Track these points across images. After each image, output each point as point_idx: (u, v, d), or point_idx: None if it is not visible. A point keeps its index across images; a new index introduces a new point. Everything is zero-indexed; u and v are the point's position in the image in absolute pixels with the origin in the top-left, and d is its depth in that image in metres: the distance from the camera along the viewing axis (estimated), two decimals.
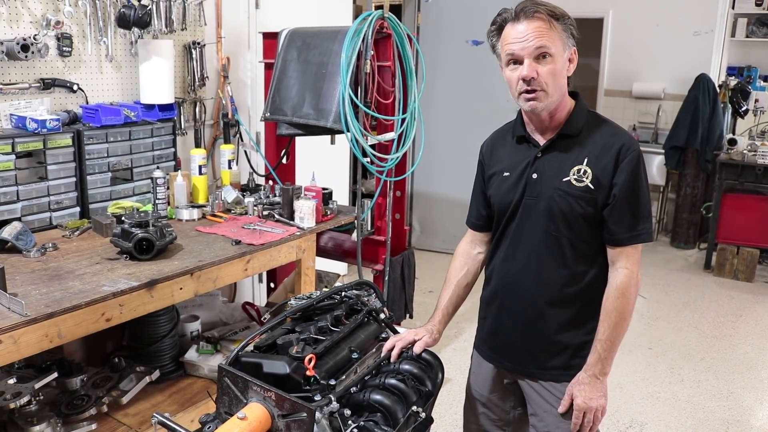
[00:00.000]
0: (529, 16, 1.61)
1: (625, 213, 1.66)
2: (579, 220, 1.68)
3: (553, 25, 1.61)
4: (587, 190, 1.66)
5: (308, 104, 2.97)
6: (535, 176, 1.72)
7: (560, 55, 1.62)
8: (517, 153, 1.79)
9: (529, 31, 1.60)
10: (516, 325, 1.81)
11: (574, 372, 1.76)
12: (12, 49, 2.54)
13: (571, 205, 1.67)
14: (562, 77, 1.65)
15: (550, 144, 1.72)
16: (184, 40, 3.29)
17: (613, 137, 1.69)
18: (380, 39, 2.95)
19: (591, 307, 1.73)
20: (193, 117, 3.42)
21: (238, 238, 2.56)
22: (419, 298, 4.00)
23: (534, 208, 1.73)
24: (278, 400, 1.30)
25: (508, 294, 1.83)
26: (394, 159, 3.05)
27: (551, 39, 1.60)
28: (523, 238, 1.77)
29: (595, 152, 1.68)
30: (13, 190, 2.52)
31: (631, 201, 1.66)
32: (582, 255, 1.72)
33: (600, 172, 1.66)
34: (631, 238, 1.67)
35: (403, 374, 1.54)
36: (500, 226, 1.83)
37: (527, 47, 1.61)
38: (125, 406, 2.50)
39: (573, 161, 1.69)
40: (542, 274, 1.74)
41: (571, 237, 1.70)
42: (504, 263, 1.83)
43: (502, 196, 1.80)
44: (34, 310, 1.85)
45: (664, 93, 6.61)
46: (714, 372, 3.92)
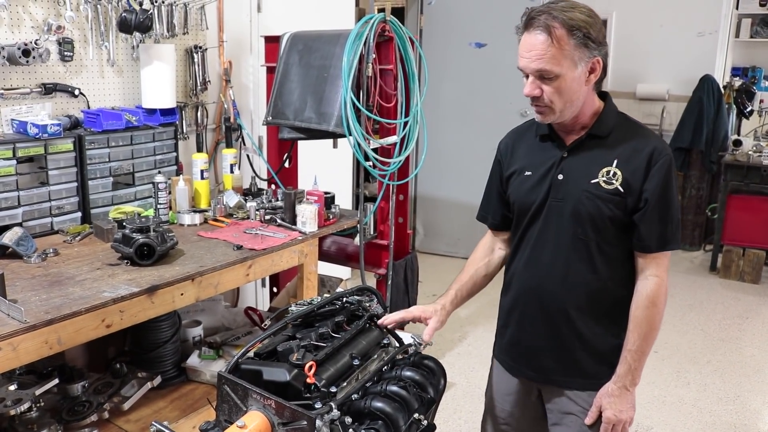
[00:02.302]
0: (535, 29, 1.53)
1: (656, 219, 1.62)
2: (607, 223, 1.63)
3: (561, 42, 1.51)
4: (617, 192, 1.61)
5: (310, 108, 2.96)
6: (561, 177, 1.67)
7: (569, 72, 1.54)
8: (540, 152, 1.73)
9: (531, 49, 1.54)
10: (540, 332, 1.76)
11: (599, 380, 1.72)
12: (13, 54, 2.54)
13: (599, 208, 1.63)
14: (573, 91, 1.57)
15: (578, 144, 1.67)
16: (186, 45, 3.29)
17: (645, 140, 1.64)
18: (382, 42, 2.94)
19: (618, 312, 1.70)
20: (195, 121, 3.41)
21: (239, 243, 2.55)
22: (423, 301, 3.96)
23: (559, 210, 1.67)
24: (278, 408, 1.29)
25: (531, 300, 1.77)
26: (397, 162, 3.03)
27: (555, 59, 1.52)
28: (547, 241, 1.71)
29: (625, 154, 1.62)
30: (14, 195, 2.51)
31: (661, 207, 1.61)
32: (609, 259, 1.68)
33: (630, 175, 1.61)
34: (660, 245, 1.64)
35: (404, 381, 1.51)
36: (521, 228, 1.77)
37: (529, 67, 1.56)
38: (127, 413, 2.49)
39: (602, 163, 1.63)
40: (569, 278, 1.69)
41: (599, 240, 1.65)
42: (527, 268, 1.77)
43: (523, 196, 1.74)
44: (33, 317, 1.83)
45: (668, 94, 6.58)
46: (720, 375, 3.89)
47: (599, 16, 1.61)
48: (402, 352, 1.65)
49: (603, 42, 1.58)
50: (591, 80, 1.59)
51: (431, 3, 5.63)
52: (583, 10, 1.56)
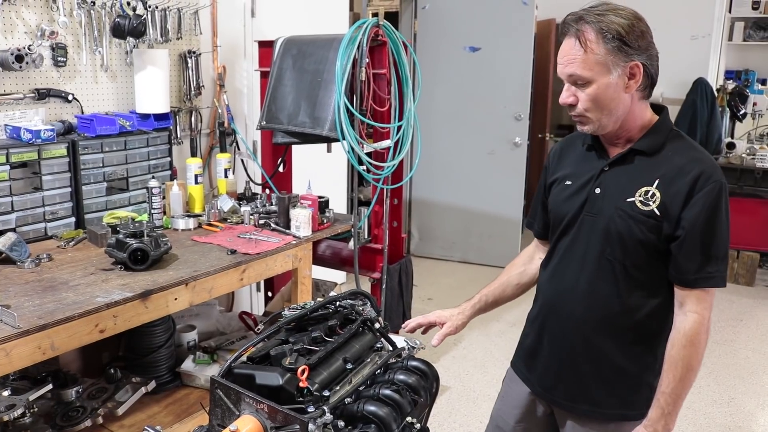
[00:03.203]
0: (568, 35, 1.49)
1: (697, 251, 1.49)
2: (637, 246, 1.53)
3: (590, 47, 1.45)
4: (652, 215, 1.51)
5: (304, 112, 2.97)
6: (598, 191, 1.58)
7: (602, 79, 1.47)
8: (584, 162, 1.65)
9: (565, 54, 1.49)
10: (555, 350, 1.70)
11: (606, 410, 1.65)
12: (6, 60, 2.54)
13: (630, 229, 1.52)
14: (609, 99, 1.49)
15: (620, 158, 1.58)
16: (180, 50, 3.29)
17: (693, 162, 1.50)
18: (375, 47, 2.95)
19: (643, 346, 1.61)
20: (189, 126, 3.42)
21: (233, 248, 2.55)
22: (417, 305, 3.99)
23: (592, 225, 1.59)
24: (271, 412, 1.29)
25: (551, 315, 1.71)
26: (391, 167, 3.04)
27: (585, 64, 1.46)
28: (574, 256, 1.63)
29: (669, 175, 1.51)
30: (8, 200, 2.51)
31: (704, 238, 1.48)
32: (637, 285, 1.57)
33: (670, 199, 1.49)
34: (700, 280, 1.50)
35: (397, 384, 1.52)
36: (554, 238, 1.70)
37: (563, 72, 1.51)
38: (121, 418, 2.49)
39: (642, 181, 1.53)
40: (591, 299, 1.60)
41: (626, 264, 1.55)
42: (551, 281, 1.71)
43: (558, 205, 1.68)
44: (26, 322, 1.83)
45: (662, 97, 6.60)
46: (715, 377, 3.90)
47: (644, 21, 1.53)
48: (395, 355, 1.65)
49: (646, 46, 1.50)
50: (632, 87, 1.50)
51: (425, 7, 5.64)
52: (620, 12, 1.49)
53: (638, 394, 1.64)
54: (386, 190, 3.15)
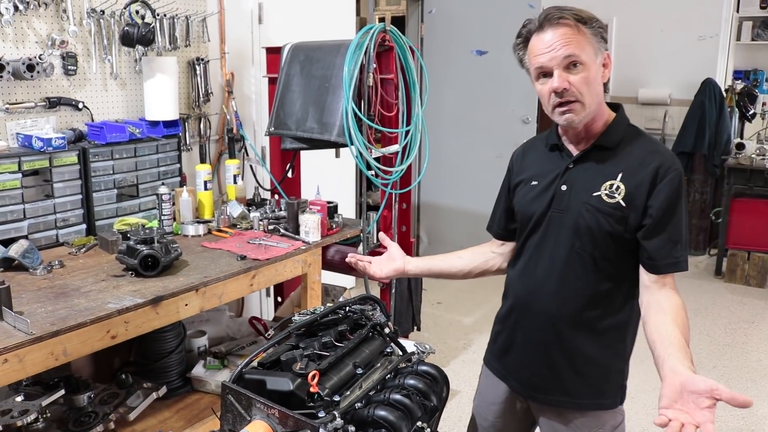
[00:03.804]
0: (555, 24, 1.52)
1: (665, 237, 1.55)
2: (606, 238, 1.58)
3: (581, 30, 1.52)
4: (618, 207, 1.56)
5: (312, 118, 2.98)
6: (564, 188, 1.63)
7: (592, 61, 1.53)
8: (548, 161, 1.71)
9: (555, 40, 1.52)
10: (529, 345, 1.73)
11: (583, 400, 1.68)
12: (18, 69, 2.57)
13: (599, 222, 1.57)
14: (597, 84, 1.56)
15: (584, 155, 1.63)
16: (188, 57, 3.32)
17: (652, 154, 1.58)
18: (383, 52, 2.96)
19: (612, 335, 1.66)
20: (198, 133, 3.44)
21: (243, 253, 2.56)
22: (427, 309, 3.99)
23: (560, 222, 1.64)
24: (282, 418, 1.29)
25: (523, 311, 1.74)
26: (399, 171, 3.05)
27: (580, 45, 1.51)
28: (544, 253, 1.68)
29: (631, 168, 1.57)
30: (20, 208, 2.53)
31: (670, 225, 1.55)
32: (606, 277, 1.62)
33: (634, 190, 1.55)
34: (670, 266, 1.56)
35: (407, 389, 1.52)
36: (522, 237, 1.75)
37: (555, 57, 1.52)
38: (132, 423, 2.50)
39: (606, 175, 1.59)
40: (562, 293, 1.65)
41: (596, 256, 1.60)
42: (521, 278, 1.75)
43: (526, 205, 1.72)
44: (39, 329, 1.85)
45: (670, 98, 6.59)
46: (727, 380, 3.88)
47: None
48: (405, 360, 1.65)
49: (607, 41, 1.60)
50: (606, 75, 1.59)
51: (432, 12, 5.65)
52: (586, 10, 1.58)
53: (610, 383, 1.71)
54: (395, 195, 3.16)
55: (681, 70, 6.47)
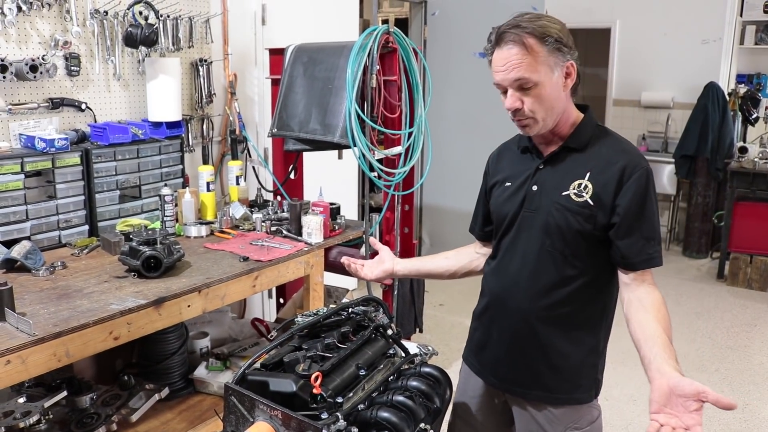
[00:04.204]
0: (507, 43, 1.54)
1: (636, 235, 1.58)
2: (576, 236, 1.61)
3: (534, 49, 1.52)
4: (586, 205, 1.59)
5: (315, 119, 2.98)
6: (535, 188, 1.67)
7: (547, 79, 1.55)
8: (520, 163, 1.75)
9: (507, 61, 1.54)
10: (504, 341, 1.76)
11: (559, 394, 1.71)
12: (21, 70, 2.57)
13: (568, 221, 1.61)
14: (553, 99, 1.58)
15: (553, 156, 1.67)
16: (191, 58, 3.32)
17: (619, 153, 1.61)
18: (386, 53, 2.96)
19: (586, 330, 1.68)
20: (200, 134, 3.44)
21: (246, 255, 2.56)
22: (429, 311, 3.98)
23: (531, 221, 1.67)
24: (285, 419, 1.29)
25: (498, 308, 1.78)
26: (402, 173, 3.04)
27: (531, 67, 1.53)
28: (517, 251, 1.71)
29: (598, 167, 1.61)
30: (23, 209, 2.53)
31: (640, 222, 1.58)
32: (578, 274, 1.65)
33: (601, 189, 1.59)
34: (643, 262, 1.59)
35: (411, 391, 1.52)
36: (497, 237, 1.79)
37: (507, 79, 1.56)
38: (135, 424, 2.50)
39: (574, 175, 1.63)
40: (534, 290, 1.68)
41: (566, 254, 1.63)
42: (495, 276, 1.79)
43: (500, 206, 1.76)
44: (42, 330, 1.85)
45: (673, 102, 6.58)
46: (729, 383, 3.87)
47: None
48: (408, 362, 1.65)
49: (572, 47, 1.59)
50: (568, 85, 1.60)
51: (435, 14, 5.66)
52: (549, 18, 1.59)
53: (585, 378, 1.73)
54: (397, 197, 3.15)
55: (684, 73, 6.47)
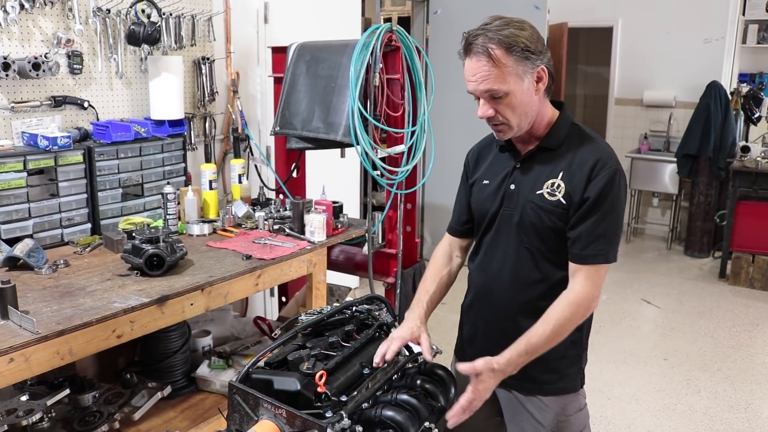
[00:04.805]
0: (475, 54, 1.56)
1: (587, 228, 1.62)
2: (549, 233, 1.66)
3: (501, 61, 1.54)
4: (558, 204, 1.64)
5: (318, 118, 2.97)
6: (513, 187, 1.71)
7: (517, 87, 1.57)
8: (498, 162, 1.79)
9: (475, 72, 1.57)
10: (490, 334, 1.80)
11: (546, 385, 1.75)
12: (23, 68, 2.57)
13: (541, 219, 1.66)
14: (525, 105, 1.60)
15: (529, 156, 1.71)
16: (194, 56, 3.31)
17: (590, 152, 1.65)
18: (389, 52, 2.95)
19: None
20: (203, 132, 3.44)
21: (248, 253, 2.55)
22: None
23: (509, 219, 1.72)
24: (289, 418, 1.29)
25: (482, 303, 1.83)
26: (405, 172, 3.04)
27: (500, 78, 1.55)
28: (498, 248, 1.76)
29: (571, 167, 1.64)
30: (25, 207, 2.53)
31: (595, 217, 1.61)
32: (557, 268, 1.69)
33: (572, 188, 1.63)
34: (588, 257, 1.62)
35: (415, 390, 1.52)
36: (479, 234, 1.83)
37: (477, 90, 1.59)
38: (137, 423, 2.49)
39: (548, 174, 1.66)
40: (516, 285, 1.73)
41: (544, 250, 1.68)
42: (479, 272, 1.83)
43: (481, 204, 1.80)
44: (45, 328, 1.85)
45: (675, 101, 6.58)
46: (731, 383, 3.87)
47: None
48: (412, 360, 1.65)
49: (543, 50, 1.59)
50: (540, 89, 1.62)
51: (437, 12, 5.65)
52: (517, 24, 1.58)
53: (570, 368, 1.79)
54: (400, 195, 3.15)
55: (686, 72, 6.46)
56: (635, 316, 4.88)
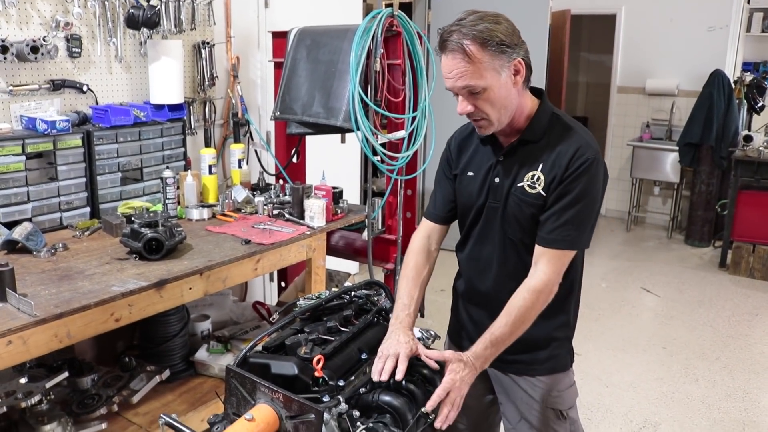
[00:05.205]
0: (449, 51, 1.55)
1: (556, 213, 1.62)
2: (532, 225, 1.67)
3: (476, 57, 1.52)
4: (539, 197, 1.64)
5: (318, 103, 2.96)
6: (497, 180, 1.72)
7: (494, 81, 1.56)
8: (482, 154, 1.78)
9: (452, 68, 1.55)
10: (479, 321, 1.81)
11: (536, 365, 1.79)
12: (22, 51, 2.55)
13: (523, 211, 1.67)
14: (504, 98, 1.59)
15: (511, 149, 1.70)
16: (194, 40, 3.29)
17: (569, 143, 1.64)
18: (390, 37, 2.93)
19: (554, 305, 1.69)
20: (202, 117, 3.42)
21: (247, 238, 2.55)
22: (431, 296, 3.98)
23: (495, 211, 1.73)
24: (286, 402, 1.29)
25: (472, 291, 1.85)
26: (405, 157, 3.03)
27: (476, 74, 1.54)
28: (486, 239, 1.77)
29: (550, 159, 1.64)
30: (24, 190, 2.52)
31: (565, 202, 1.61)
32: None
33: (551, 179, 1.63)
34: (552, 241, 1.63)
35: (412, 375, 1.52)
36: (465, 225, 1.83)
37: (455, 87, 1.58)
38: (135, 406, 2.51)
39: (529, 167, 1.67)
40: (503, 274, 1.75)
41: (526, 242, 1.69)
42: (469, 261, 1.85)
43: (467, 197, 1.80)
44: (43, 311, 1.85)
45: (678, 89, 6.54)
46: (729, 372, 3.87)
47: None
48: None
49: (519, 42, 1.58)
50: (518, 81, 1.60)
51: None
52: (491, 19, 1.57)
53: (559, 349, 1.81)
54: (400, 181, 3.14)
55: (690, 60, 6.42)
56: (635, 305, 4.88)
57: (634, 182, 6.77)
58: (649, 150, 6.57)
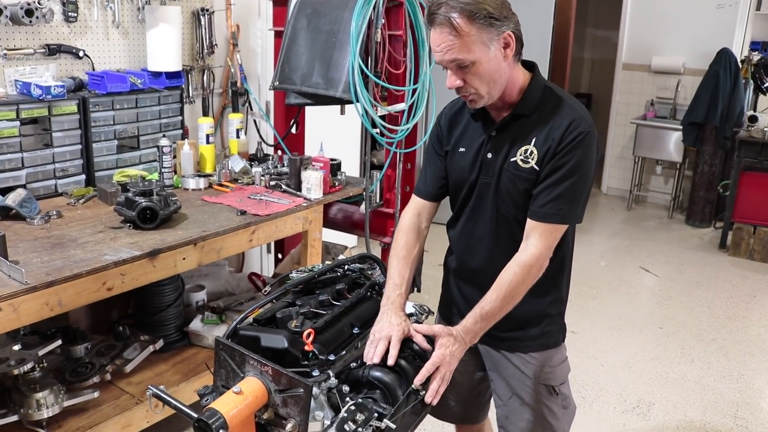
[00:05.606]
0: (437, 25, 1.52)
1: (548, 186, 1.60)
2: (525, 200, 1.65)
3: (464, 30, 1.49)
4: (532, 171, 1.62)
5: (318, 73, 2.92)
6: (490, 156, 1.69)
7: (483, 55, 1.53)
8: (474, 130, 1.75)
9: (440, 42, 1.52)
10: (473, 296, 1.77)
11: (528, 342, 1.79)
12: (16, 14, 2.50)
13: (516, 186, 1.65)
14: (493, 72, 1.56)
15: (503, 123, 1.68)
16: (193, 7, 3.24)
17: (563, 116, 1.62)
18: (392, 8, 2.88)
19: (543, 282, 1.68)
20: (201, 85, 3.38)
21: (243, 209, 2.53)
22: (428, 271, 3.97)
23: (487, 187, 1.71)
24: (275, 375, 1.28)
25: (463, 267, 1.84)
26: (405, 130, 2.99)
27: (464, 47, 1.51)
28: (479, 216, 1.76)
29: (543, 132, 1.62)
30: (18, 156, 2.50)
31: (558, 175, 1.59)
32: None
33: (544, 153, 1.61)
34: (544, 215, 1.61)
35: (404, 351, 1.50)
36: (457, 201, 1.81)
37: (443, 60, 1.55)
38: (128, 375, 2.51)
39: (522, 141, 1.64)
40: (496, 250, 1.73)
41: (519, 218, 1.67)
42: (461, 238, 1.83)
43: (459, 173, 1.77)
44: (34, 278, 1.83)
45: (683, 67, 6.46)
46: (725, 353, 3.87)
47: None
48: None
49: (509, 15, 1.55)
50: (508, 55, 1.57)
51: None
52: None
53: (551, 325, 1.81)
54: (399, 154, 3.11)
55: (696, 38, 6.33)
56: (633, 284, 4.87)
57: (637, 161, 6.72)
58: (652, 128, 6.50)
